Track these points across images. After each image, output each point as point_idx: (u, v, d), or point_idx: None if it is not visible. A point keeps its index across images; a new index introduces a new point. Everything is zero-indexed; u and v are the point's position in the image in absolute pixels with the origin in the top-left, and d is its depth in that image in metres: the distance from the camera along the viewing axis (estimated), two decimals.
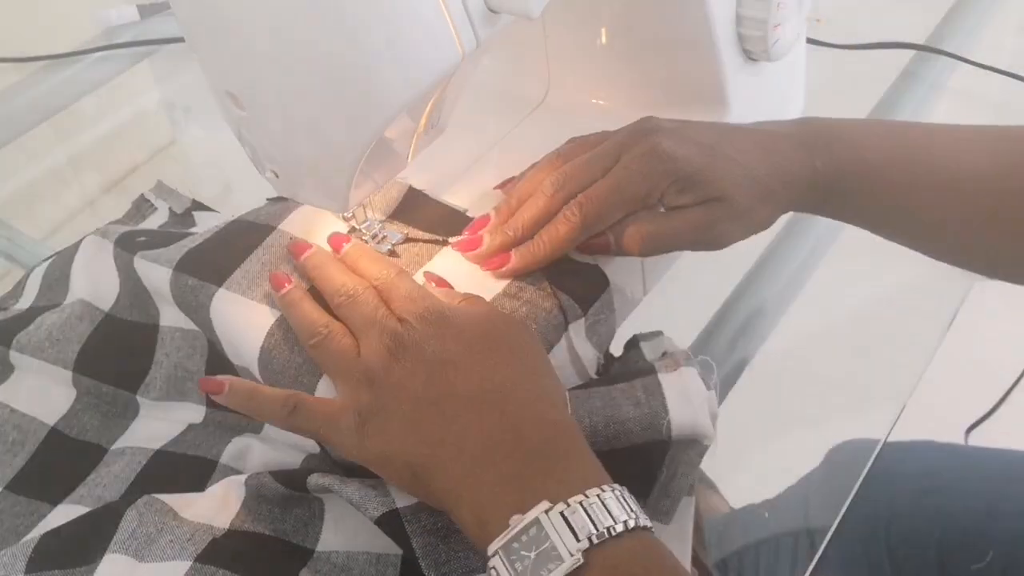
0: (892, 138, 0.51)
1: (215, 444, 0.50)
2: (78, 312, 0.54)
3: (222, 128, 0.48)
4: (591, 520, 0.36)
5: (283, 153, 0.48)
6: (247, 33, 0.42)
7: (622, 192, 0.49)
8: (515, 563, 0.36)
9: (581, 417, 0.45)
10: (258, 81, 0.44)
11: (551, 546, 0.36)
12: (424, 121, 0.49)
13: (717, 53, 0.56)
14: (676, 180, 0.48)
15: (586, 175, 0.50)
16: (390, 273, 0.48)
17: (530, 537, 0.36)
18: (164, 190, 0.68)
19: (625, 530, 0.36)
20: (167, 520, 0.44)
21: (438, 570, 0.41)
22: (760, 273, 0.65)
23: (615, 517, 0.37)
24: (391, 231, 0.55)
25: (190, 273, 0.50)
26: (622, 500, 0.38)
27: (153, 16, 0.95)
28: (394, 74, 0.41)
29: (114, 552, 0.42)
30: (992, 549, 0.68)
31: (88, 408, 0.52)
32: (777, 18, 0.56)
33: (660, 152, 0.48)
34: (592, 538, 0.36)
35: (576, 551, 0.35)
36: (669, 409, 0.44)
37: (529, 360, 0.44)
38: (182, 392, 0.53)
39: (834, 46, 0.80)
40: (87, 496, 0.48)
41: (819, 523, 0.56)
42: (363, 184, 0.50)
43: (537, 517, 0.37)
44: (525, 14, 0.41)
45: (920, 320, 0.64)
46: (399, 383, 0.42)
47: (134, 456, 0.50)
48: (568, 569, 0.35)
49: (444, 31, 0.41)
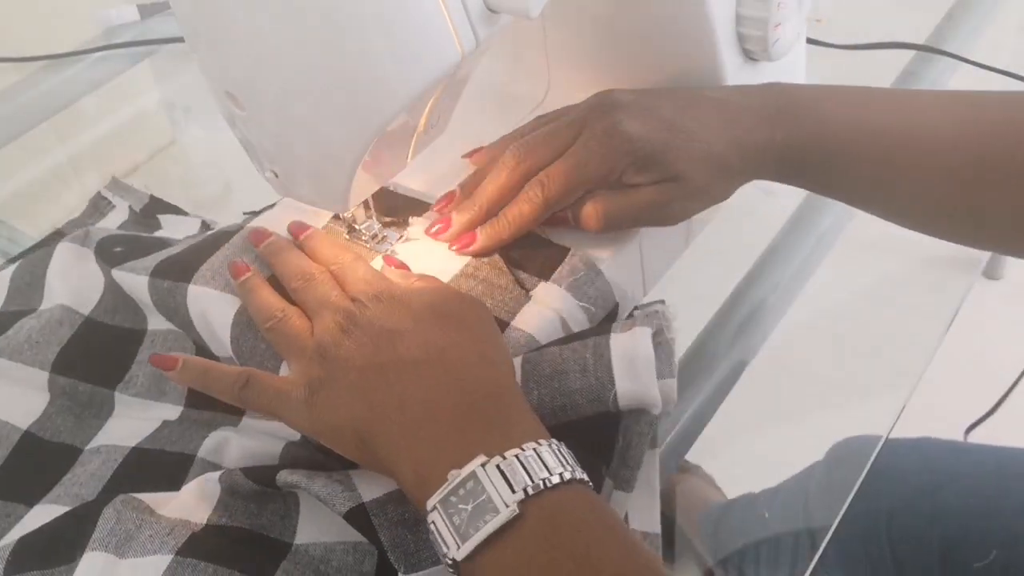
0: (857, 106, 0.51)
1: (192, 439, 0.50)
2: (58, 316, 0.54)
3: (222, 128, 0.48)
4: (527, 472, 0.37)
5: (283, 153, 0.48)
6: (247, 33, 0.42)
7: (581, 172, 0.50)
8: (453, 516, 0.37)
9: (530, 389, 0.45)
10: (258, 81, 0.44)
11: (487, 498, 0.36)
12: (424, 121, 0.49)
13: (717, 53, 0.56)
14: (634, 160, 0.49)
15: (546, 150, 0.51)
16: (346, 258, 0.50)
17: (467, 490, 0.37)
18: (121, 187, 0.69)
19: (561, 482, 0.37)
20: (145, 516, 0.44)
21: (407, 561, 0.41)
22: (760, 273, 0.65)
23: (550, 469, 0.37)
24: (391, 231, 0.55)
25: (164, 277, 0.52)
26: (558, 453, 0.38)
27: (153, 16, 0.95)
28: (394, 74, 0.41)
29: (94, 550, 0.42)
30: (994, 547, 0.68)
31: (62, 411, 0.52)
32: (777, 18, 0.56)
33: (619, 132, 0.49)
34: (527, 489, 0.36)
35: (512, 502, 0.36)
36: (616, 380, 0.44)
37: (476, 329, 0.45)
38: (162, 391, 0.53)
39: (834, 46, 0.80)
40: (64, 496, 0.48)
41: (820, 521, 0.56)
42: (363, 184, 0.50)
43: (474, 470, 0.37)
44: (524, 14, 0.41)
45: (920, 320, 0.64)
46: (348, 356, 0.43)
47: (110, 454, 0.50)
48: (504, 520, 0.36)
49: (443, 31, 0.41)
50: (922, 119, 0.50)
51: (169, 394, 0.53)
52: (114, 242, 0.57)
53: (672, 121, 0.50)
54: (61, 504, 0.48)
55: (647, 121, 0.50)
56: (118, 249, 0.56)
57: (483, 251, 0.52)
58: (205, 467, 0.49)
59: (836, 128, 0.50)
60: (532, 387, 0.45)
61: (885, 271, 0.69)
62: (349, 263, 0.50)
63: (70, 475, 0.50)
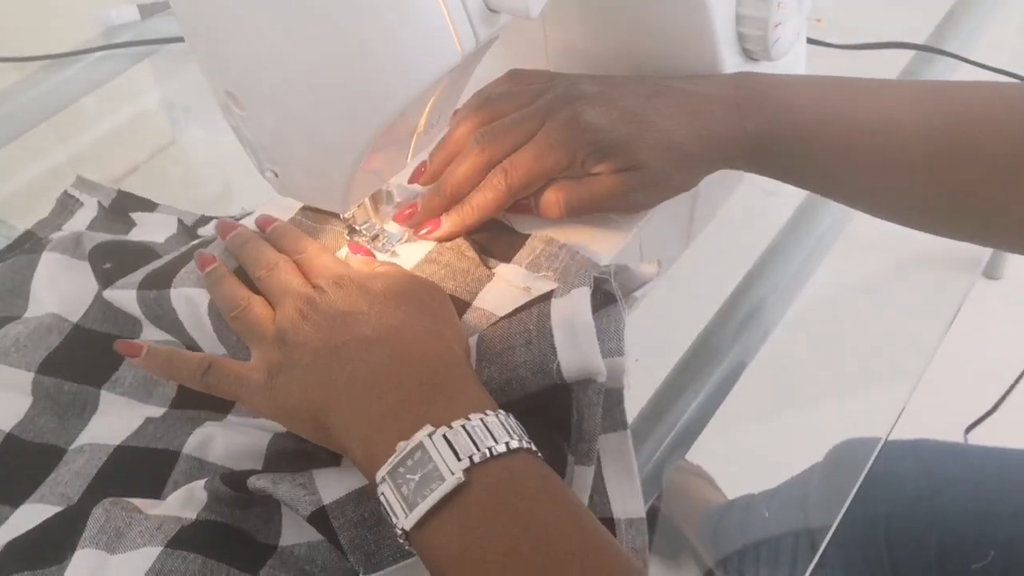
0: (826, 97, 0.51)
1: (176, 436, 0.50)
2: (47, 323, 0.55)
3: (222, 128, 0.48)
4: (472, 441, 0.37)
5: (283, 153, 0.48)
6: (247, 33, 0.42)
7: (543, 161, 0.51)
8: (401, 487, 0.37)
9: (483, 368, 0.45)
10: (257, 81, 0.44)
11: (434, 467, 0.37)
12: (424, 121, 0.49)
13: (717, 52, 0.56)
14: (595, 150, 0.50)
15: (510, 137, 0.52)
16: (311, 248, 0.51)
17: (415, 461, 0.37)
18: (87, 184, 0.69)
19: (507, 451, 0.37)
20: (134, 515, 0.44)
21: (368, 560, 0.41)
22: (760, 273, 0.65)
23: (496, 437, 0.38)
24: (391, 231, 0.55)
25: (149, 288, 0.53)
26: (505, 424, 0.39)
27: (153, 16, 0.95)
28: (393, 74, 0.41)
29: (85, 548, 0.43)
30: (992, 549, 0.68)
31: (44, 412, 0.52)
32: (777, 17, 0.56)
33: (581, 122, 0.50)
34: (473, 457, 0.37)
35: (457, 470, 0.36)
36: (557, 350, 0.44)
37: (432, 310, 0.46)
38: (149, 392, 0.53)
39: (834, 46, 0.80)
40: (49, 495, 0.48)
41: (819, 523, 0.56)
42: (362, 184, 0.50)
43: (421, 440, 0.38)
44: (524, 13, 0.41)
45: (920, 320, 0.64)
46: (305, 340, 0.44)
47: (94, 453, 0.50)
48: (449, 487, 0.36)
49: (443, 31, 0.41)
50: (893, 110, 0.50)
51: (156, 396, 0.53)
52: (103, 255, 0.57)
53: (635, 111, 0.51)
54: (46, 503, 0.48)
55: (610, 111, 0.51)
56: (107, 265, 0.56)
57: (448, 236, 0.53)
58: (190, 463, 0.49)
59: (805, 117, 0.50)
60: (484, 366, 0.45)
61: (885, 271, 0.69)
62: (313, 252, 0.51)
63: (54, 475, 0.50)
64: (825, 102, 0.51)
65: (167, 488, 0.48)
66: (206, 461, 0.49)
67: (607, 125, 0.50)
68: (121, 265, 0.56)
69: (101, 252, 0.57)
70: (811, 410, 0.62)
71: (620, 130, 0.50)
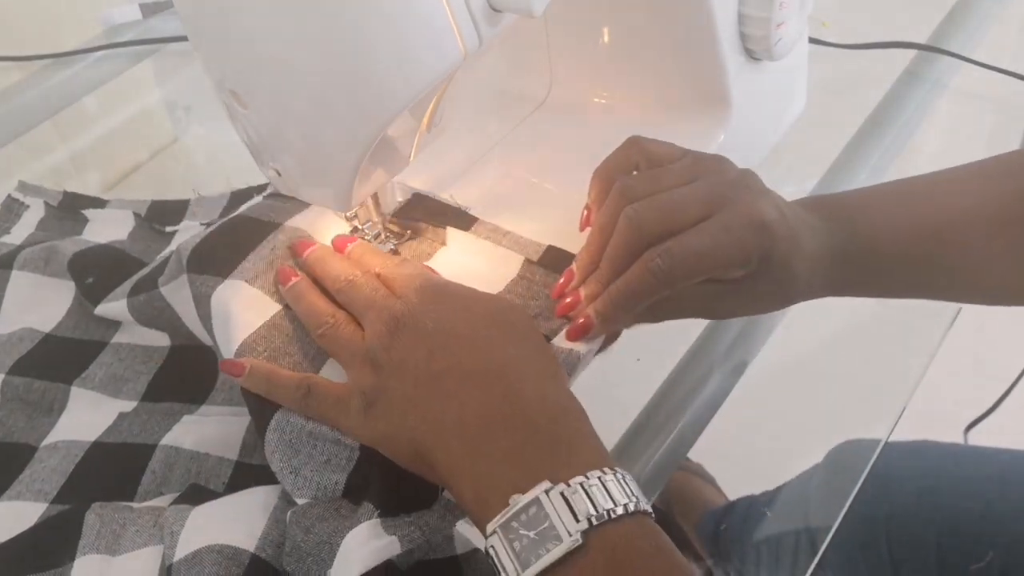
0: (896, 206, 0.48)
1: (153, 432, 0.51)
2: (19, 334, 0.56)
3: (224, 127, 0.48)
4: (591, 502, 0.36)
5: (285, 151, 0.48)
6: (250, 32, 0.42)
7: (715, 255, 0.44)
8: (513, 542, 0.36)
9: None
10: (261, 79, 0.44)
11: (550, 526, 0.36)
12: (427, 120, 0.49)
13: (719, 52, 0.56)
14: (762, 257, 0.44)
15: (673, 217, 0.44)
16: (392, 261, 0.49)
17: (529, 516, 0.36)
18: (31, 188, 0.70)
19: (625, 513, 0.36)
20: (126, 514, 0.44)
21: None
22: None
23: (615, 500, 0.36)
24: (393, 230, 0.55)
25: (137, 293, 0.53)
26: (623, 483, 0.37)
27: (156, 15, 0.95)
28: (396, 73, 0.41)
29: (85, 554, 0.43)
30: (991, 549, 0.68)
31: (13, 412, 0.53)
32: (780, 17, 0.56)
33: (761, 222, 0.44)
34: (592, 519, 0.35)
35: (575, 532, 0.35)
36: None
37: (532, 339, 0.44)
38: (118, 389, 0.54)
39: (836, 45, 0.80)
40: (26, 491, 0.49)
41: (819, 523, 0.56)
42: (365, 183, 0.50)
43: (537, 496, 0.36)
44: (528, 12, 0.41)
45: (920, 320, 0.64)
46: (401, 361, 0.42)
47: (69, 449, 0.50)
48: (566, 549, 0.35)
49: (447, 30, 0.41)
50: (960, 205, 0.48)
51: (126, 391, 0.53)
52: (83, 268, 0.58)
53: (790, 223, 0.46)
54: (24, 500, 0.48)
55: (781, 210, 0.45)
56: (90, 280, 0.57)
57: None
58: (168, 452, 0.49)
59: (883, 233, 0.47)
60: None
61: None
62: (394, 265, 0.49)
63: (28, 471, 0.50)
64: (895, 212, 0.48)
65: (145, 476, 0.48)
66: (182, 448, 0.49)
67: (780, 225, 0.44)
68: (102, 278, 0.57)
69: (80, 265, 0.58)
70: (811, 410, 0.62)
71: (785, 233, 0.45)
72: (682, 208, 0.44)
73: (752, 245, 0.44)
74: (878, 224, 0.48)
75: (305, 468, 0.43)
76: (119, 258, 0.59)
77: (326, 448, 0.44)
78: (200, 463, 0.49)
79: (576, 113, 0.63)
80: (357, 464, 0.43)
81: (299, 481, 0.43)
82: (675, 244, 0.43)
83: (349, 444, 0.44)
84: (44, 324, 0.56)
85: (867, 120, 0.75)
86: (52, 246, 0.60)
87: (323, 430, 0.44)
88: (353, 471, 0.43)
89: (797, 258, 0.45)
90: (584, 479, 0.37)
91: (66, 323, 0.57)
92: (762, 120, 0.64)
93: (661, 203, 0.44)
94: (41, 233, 0.65)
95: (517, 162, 0.60)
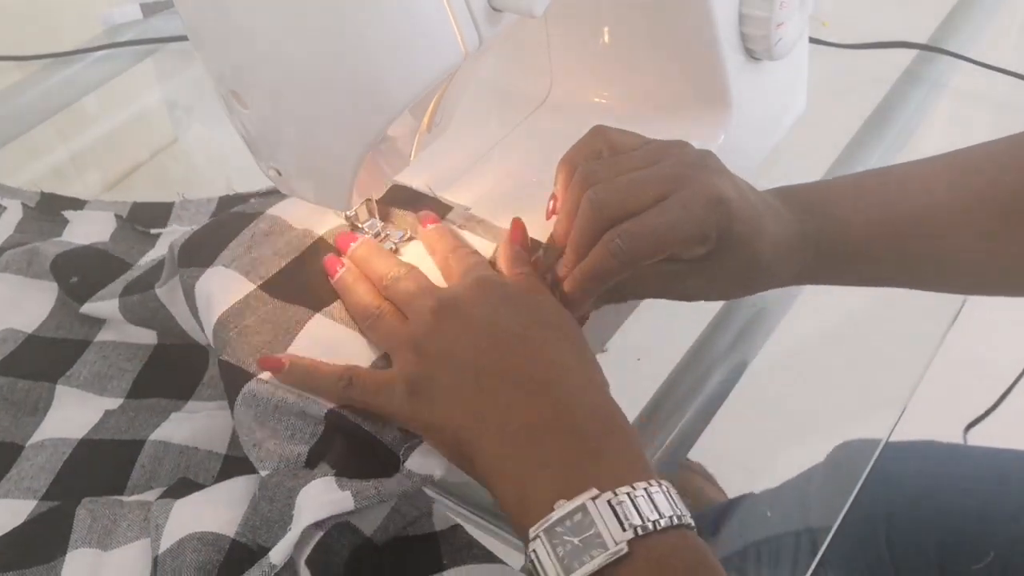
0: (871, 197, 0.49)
1: (141, 427, 0.51)
2: (1, 335, 0.56)
3: (224, 127, 0.48)
4: (638, 512, 0.36)
5: (286, 151, 0.48)
6: (250, 31, 0.42)
7: (675, 232, 0.44)
8: (557, 547, 0.36)
9: None
10: (261, 79, 0.44)
11: (596, 533, 0.36)
12: (427, 119, 0.49)
13: (720, 52, 0.56)
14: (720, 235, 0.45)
15: (633, 198, 0.44)
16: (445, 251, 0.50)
17: (574, 523, 0.36)
18: (6, 190, 0.70)
19: (670, 525, 0.36)
20: (116, 508, 0.45)
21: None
22: None
23: (661, 512, 0.36)
24: (393, 229, 0.55)
25: (130, 293, 0.53)
26: (669, 496, 0.38)
27: (156, 15, 0.95)
28: (397, 73, 0.41)
29: (78, 548, 0.43)
30: (992, 549, 0.68)
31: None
32: (780, 17, 0.56)
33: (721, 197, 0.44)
34: (638, 529, 0.36)
35: (621, 540, 0.35)
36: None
37: (577, 343, 0.44)
38: (104, 388, 0.54)
39: (836, 45, 0.80)
40: (14, 490, 0.49)
41: (820, 523, 0.56)
42: (365, 182, 0.50)
43: (584, 503, 0.36)
44: (528, 12, 0.41)
45: (920, 320, 0.64)
46: (446, 349, 0.43)
47: (57, 447, 0.50)
48: (611, 557, 0.35)
49: (447, 30, 0.41)
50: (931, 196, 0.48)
51: (111, 388, 0.53)
52: (66, 268, 0.58)
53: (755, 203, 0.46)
54: (12, 498, 0.48)
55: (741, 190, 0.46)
56: (74, 280, 0.57)
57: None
58: (157, 447, 0.49)
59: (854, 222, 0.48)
60: None
61: None
62: (447, 255, 0.49)
63: (16, 470, 0.50)
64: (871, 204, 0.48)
65: (135, 471, 0.49)
66: (171, 443, 0.49)
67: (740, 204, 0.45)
68: (86, 277, 0.57)
69: (63, 265, 0.58)
70: (811, 410, 0.62)
71: (747, 213, 0.45)
72: (641, 189, 0.44)
73: (709, 221, 0.44)
74: (848, 213, 0.48)
75: (269, 441, 0.44)
76: (103, 258, 0.60)
77: (291, 422, 0.44)
78: (189, 457, 0.49)
79: (576, 113, 0.63)
80: (321, 437, 0.44)
81: (262, 453, 0.43)
82: (633, 224, 0.44)
83: (313, 417, 0.44)
84: (27, 325, 0.57)
85: (867, 120, 0.75)
86: (34, 248, 0.61)
87: (289, 404, 0.44)
88: (316, 444, 0.43)
89: (759, 240, 0.46)
90: (631, 489, 0.37)
91: (49, 323, 0.57)
92: (762, 120, 0.64)
93: (620, 185, 0.45)
94: (20, 235, 0.65)
95: (517, 162, 0.60)
